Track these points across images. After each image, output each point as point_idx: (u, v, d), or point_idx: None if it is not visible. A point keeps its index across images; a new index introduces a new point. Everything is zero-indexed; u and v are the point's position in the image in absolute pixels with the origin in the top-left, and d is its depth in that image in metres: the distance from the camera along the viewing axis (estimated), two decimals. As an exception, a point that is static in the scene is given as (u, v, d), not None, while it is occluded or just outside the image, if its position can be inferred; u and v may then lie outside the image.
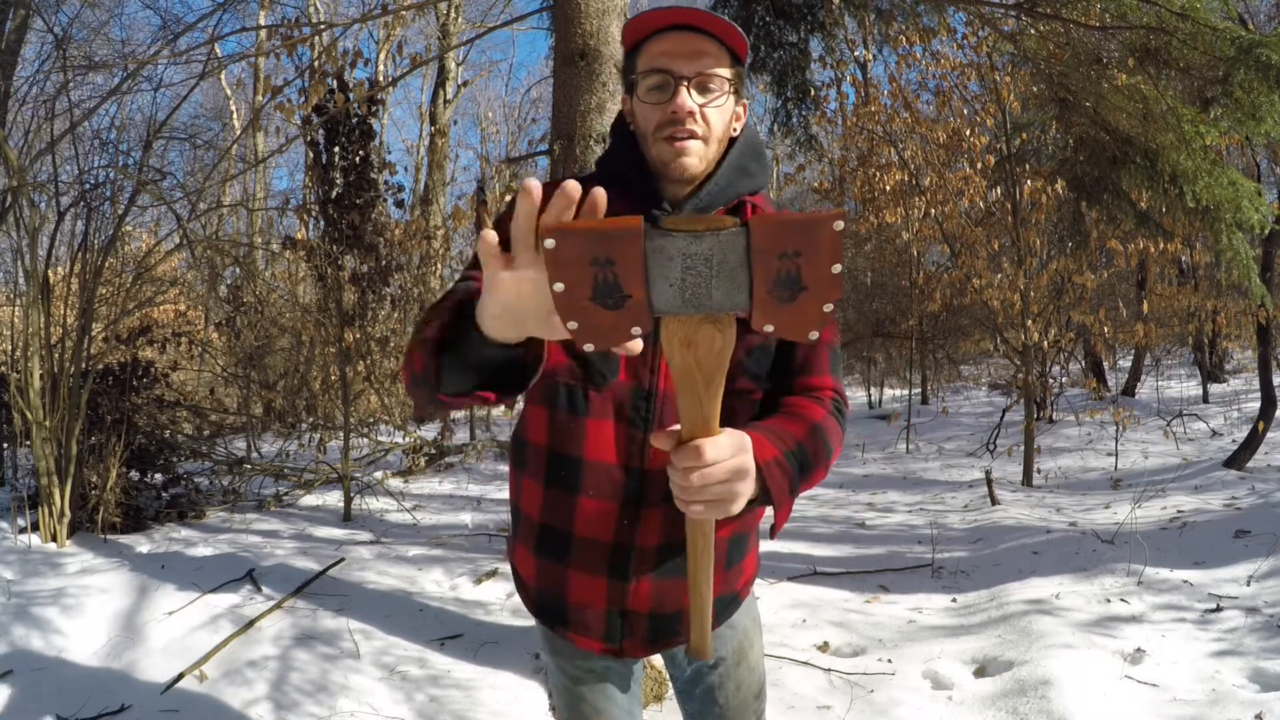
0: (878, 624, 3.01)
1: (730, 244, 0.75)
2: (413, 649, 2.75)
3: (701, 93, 1.04)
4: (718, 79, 1.04)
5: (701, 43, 1.04)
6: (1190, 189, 3.01)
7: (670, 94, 1.03)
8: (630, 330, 0.77)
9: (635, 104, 1.08)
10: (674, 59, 1.03)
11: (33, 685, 2.43)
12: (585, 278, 0.74)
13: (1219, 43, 2.73)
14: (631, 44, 1.08)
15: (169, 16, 12.01)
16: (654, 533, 1.09)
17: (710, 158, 1.06)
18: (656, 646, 1.17)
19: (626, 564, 1.10)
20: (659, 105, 1.04)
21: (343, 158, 4.74)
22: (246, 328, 6.68)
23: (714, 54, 1.04)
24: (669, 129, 1.03)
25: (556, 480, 1.11)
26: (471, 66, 18.53)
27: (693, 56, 1.03)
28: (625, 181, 1.08)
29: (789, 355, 1.12)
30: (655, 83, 1.04)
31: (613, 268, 0.74)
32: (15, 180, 3.84)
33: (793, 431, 1.03)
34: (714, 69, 1.04)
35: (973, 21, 4.62)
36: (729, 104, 1.07)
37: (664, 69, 1.03)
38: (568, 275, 0.75)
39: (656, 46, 1.05)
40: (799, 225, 0.74)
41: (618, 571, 1.10)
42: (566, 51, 2.47)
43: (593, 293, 0.75)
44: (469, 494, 5.47)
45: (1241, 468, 5.14)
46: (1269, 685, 2.28)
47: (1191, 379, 10.10)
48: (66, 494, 3.65)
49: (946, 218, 6.81)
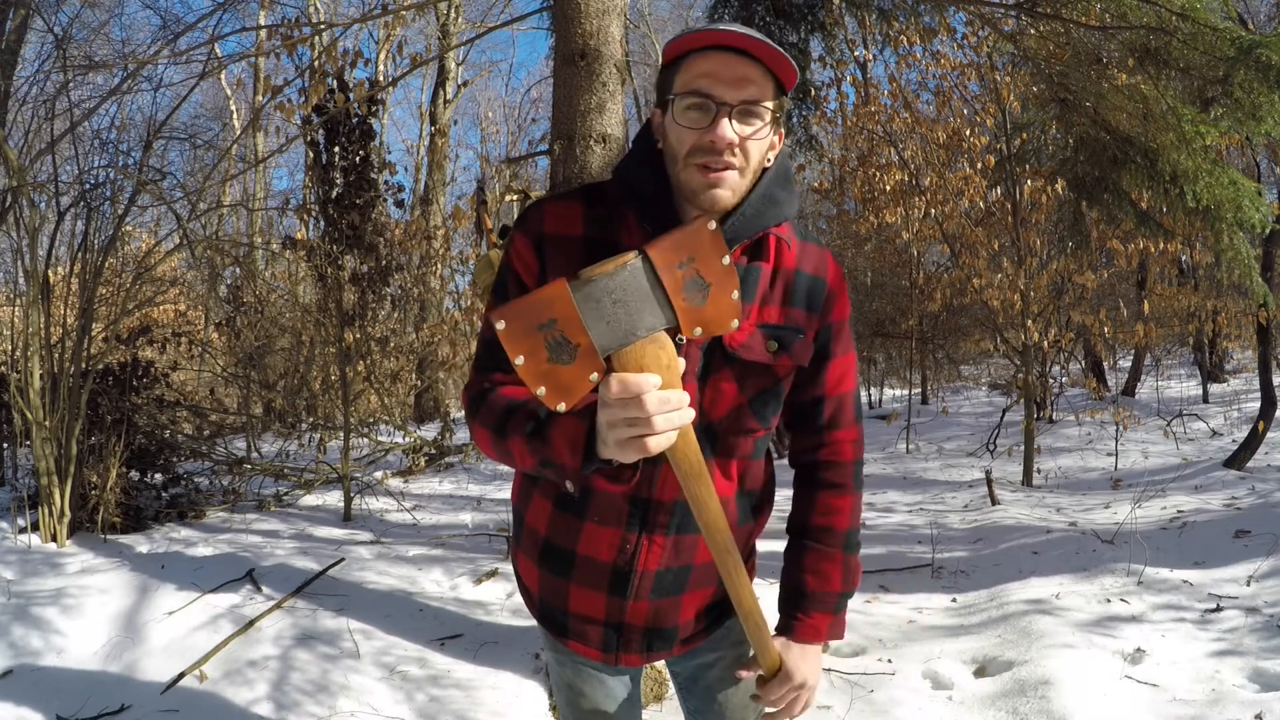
0: (878, 624, 3.02)
1: (638, 272, 0.88)
2: (413, 649, 2.75)
3: (743, 122, 0.98)
4: (761, 109, 0.99)
5: (747, 68, 0.97)
6: (1191, 189, 3.01)
7: (710, 120, 0.97)
8: (589, 377, 0.87)
9: (669, 123, 1.01)
10: (717, 83, 0.97)
11: (33, 685, 2.43)
12: (538, 343, 0.85)
13: (1219, 43, 2.73)
14: (672, 57, 1.02)
15: (169, 16, 12.01)
16: (655, 558, 1.11)
17: (742, 190, 1.01)
18: (652, 656, 1.18)
19: (626, 585, 1.11)
20: (695, 130, 0.98)
21: (343, 158, 4.74)
22: (246, 328, 6.69)
23: (759, 82, 0.98)
24: (704, 157, 0.98)
25: (565, 503, 1.12)
26: (471, 66, 18.54)
27: (737, 83, 0.97)
28: (646, 202, 1.04)
29: (815, 411, 1.17)
30: (694, 104, 0.98)
31: (556, 326, 0.85)
32: (15, 180, 3.84)
33: (829, 573, 1.18)
34: (759, 99, 0.98)
35: (973, 21, 4.62)
36: (769, 136, 1.02)
37: (706, 93, 0.97)
38: (524, 346, 0.85)
39: (699, 65, 0.98)
40: (683, 237, 0.89)
41: (617, 590, 1.12)
42: (566, 51, 2.47)
43: (549, 354, 0.86)
44: (469, 494, 5.47)
45: (1241, 468, 5.13)
46: (1269, 685, 2.28)
47: (1191, 379, 10.09)
48: (66, 494, 3.65)
49: (946, 218, 6.80)
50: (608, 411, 0.86)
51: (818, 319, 1.11)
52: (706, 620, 1.20)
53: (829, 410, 1.15)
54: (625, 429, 0.85)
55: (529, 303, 0.85)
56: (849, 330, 1.16)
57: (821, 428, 1.16)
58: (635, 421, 0.84)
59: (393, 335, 6.01)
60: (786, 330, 1.08)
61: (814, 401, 1.15)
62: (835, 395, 1.15)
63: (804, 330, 1.10)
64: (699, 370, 1.05)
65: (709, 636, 1.22)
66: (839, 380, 1.15)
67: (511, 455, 1.01)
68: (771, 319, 1.08)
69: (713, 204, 1.00)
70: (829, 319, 1.12)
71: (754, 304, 1.06)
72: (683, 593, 1.15)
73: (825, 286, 1.11)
